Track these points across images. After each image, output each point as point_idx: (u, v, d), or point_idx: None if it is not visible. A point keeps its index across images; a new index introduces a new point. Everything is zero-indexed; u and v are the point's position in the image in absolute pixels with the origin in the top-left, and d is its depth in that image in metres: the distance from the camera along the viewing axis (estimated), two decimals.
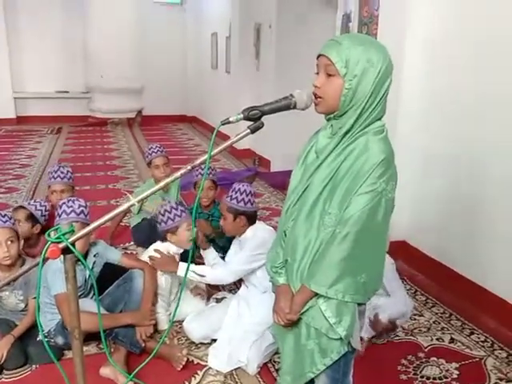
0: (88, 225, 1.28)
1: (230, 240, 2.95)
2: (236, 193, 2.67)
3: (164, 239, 2.83)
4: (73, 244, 1.21)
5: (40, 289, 2.37)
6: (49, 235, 1.23)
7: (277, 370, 2.45)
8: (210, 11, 9.63)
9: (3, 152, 7.57)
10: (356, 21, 3.95)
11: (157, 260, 2.73)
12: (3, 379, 2.36)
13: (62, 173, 3.33)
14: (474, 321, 2.96)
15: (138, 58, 10.22)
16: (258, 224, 2.76)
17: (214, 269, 2.79)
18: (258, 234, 2.66)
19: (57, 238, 1.20)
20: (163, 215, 2.77)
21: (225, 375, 2.41)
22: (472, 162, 3.13)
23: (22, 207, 3.17)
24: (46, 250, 1.18)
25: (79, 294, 2.53)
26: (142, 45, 10.21)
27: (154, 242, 2.89)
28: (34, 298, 2.51)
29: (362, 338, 2.53)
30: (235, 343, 2.50)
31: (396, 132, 3.45)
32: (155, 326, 2.60)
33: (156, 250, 2.76)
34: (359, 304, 1.47)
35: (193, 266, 2.69)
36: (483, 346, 2.71)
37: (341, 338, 1.44)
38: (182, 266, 2.68)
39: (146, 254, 2.85)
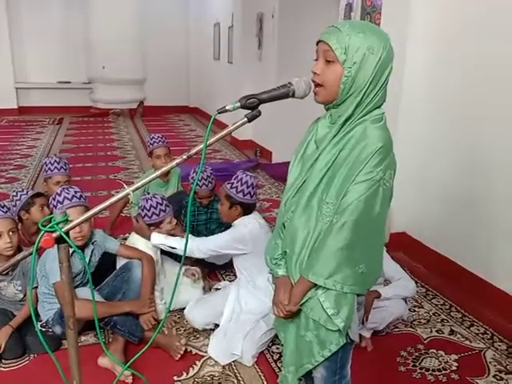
0: (88, 208, 1.26)
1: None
2: (238, 182, 2.65)
3: None
4: (67, 233, 1.20)
5: (33, 278, 2.36)
6: (42, 224, 1.20)
7: (275, 361, 2.44)
8: (213, 1, 9.54)
9: (5, 142, 7.55)
10: (358, 10, 3.91)
11: (135, 225, 2.81)
12: (1, 368, 2.36)
13: (64, 164, 3.37)
14: (474, 313, 2.95)
15: (140, 48, 10.15)
16: (252, 217, 2.67)
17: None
18: (243, 229, 2.60)
19: (50, 227, 1.18)
20: (148, 210, 2.77)
21: (223, 366, 2.40)
22: (475, 154, 3.10)
23: (41, 194, 3.17)
24: (40, 240, 1.17)
25: (78, 282, 2.54)
26: (143, 35, 10.14)
27: None
28: (33, 288, 2.51)
29: (363, 337, 2.52)
30: (230, 336, 2.48)
31: (398, 122, 3.42)
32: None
33: (134, 217, 2.86)
34: (358, 295, 1.45)
35: (163, 239, 2.70)
36: (483, 338, 2.70)
37: (339, 330, 1.42)
38: (154, 235, 2.72)
39: (130, 240, 2.88)
